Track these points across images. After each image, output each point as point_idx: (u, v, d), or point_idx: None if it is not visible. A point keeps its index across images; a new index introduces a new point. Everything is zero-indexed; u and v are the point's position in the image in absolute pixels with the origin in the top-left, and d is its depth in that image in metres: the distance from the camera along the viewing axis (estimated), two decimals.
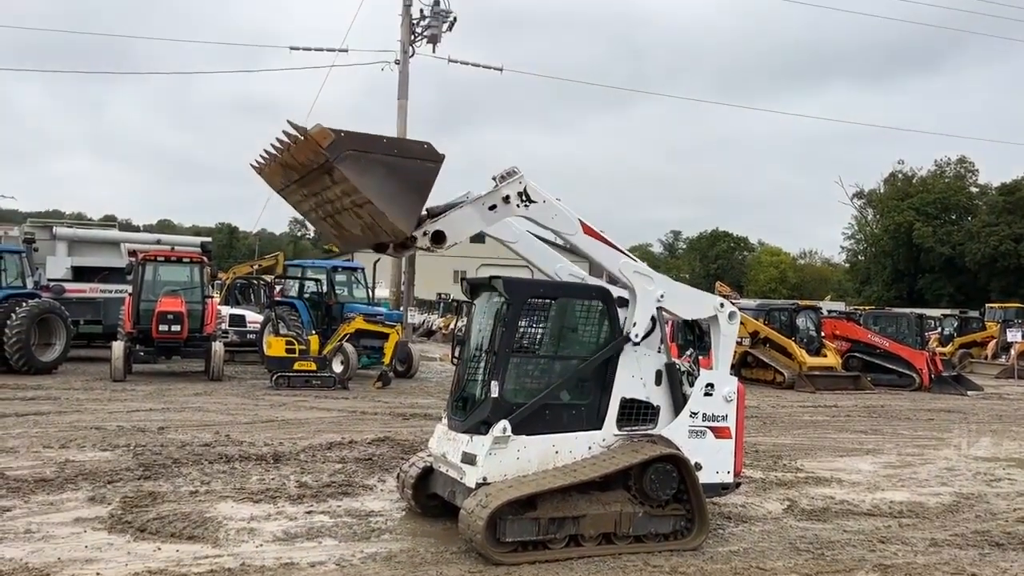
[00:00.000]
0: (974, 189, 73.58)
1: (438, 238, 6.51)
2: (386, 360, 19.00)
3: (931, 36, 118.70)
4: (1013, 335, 30.76)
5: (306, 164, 6.31)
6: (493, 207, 6.67)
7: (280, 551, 6.54)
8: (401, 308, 25.69)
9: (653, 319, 7.44)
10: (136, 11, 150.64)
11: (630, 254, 7.34)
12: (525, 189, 6.76)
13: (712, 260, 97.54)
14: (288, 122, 6.11)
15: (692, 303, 7.60)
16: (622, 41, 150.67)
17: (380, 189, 6.03)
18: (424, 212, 6.54)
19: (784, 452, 11.97)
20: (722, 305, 7.59)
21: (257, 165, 7.12)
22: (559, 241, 8.06)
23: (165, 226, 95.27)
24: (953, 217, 70.07)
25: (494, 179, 6.86)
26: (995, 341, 33.00)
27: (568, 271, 8.00)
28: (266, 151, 6.79)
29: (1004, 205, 64.85)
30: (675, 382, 7.32)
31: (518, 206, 6.75)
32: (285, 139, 6.32)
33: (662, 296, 7.25)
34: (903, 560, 6.93)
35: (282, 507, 7.88)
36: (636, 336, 7.15)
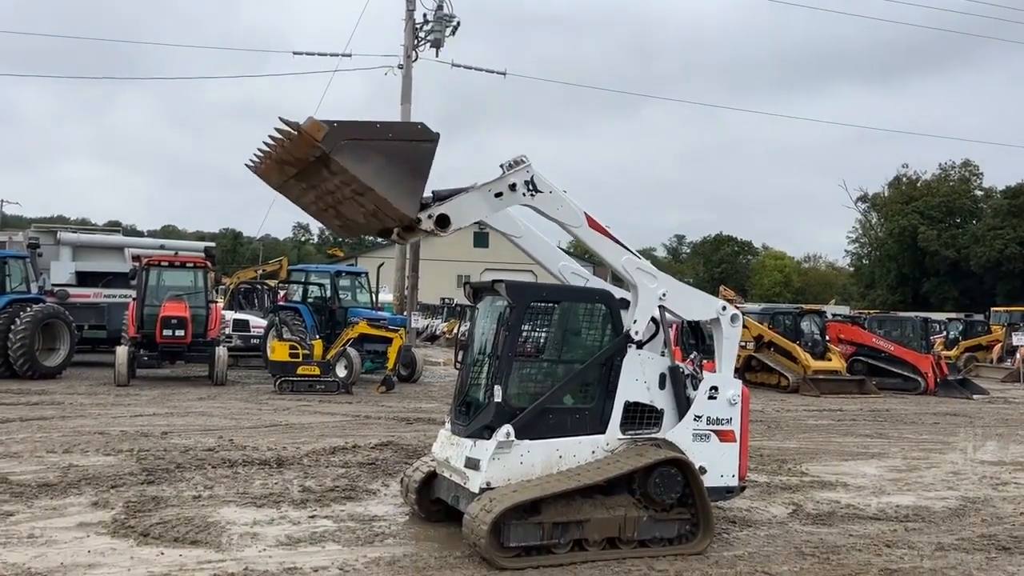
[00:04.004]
0: (979, 192, 73.42)
1: (442, 222, 6.48)
2: (390, 365, 18.98)
3: (938, 39, 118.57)
4: (1019, 339, 30.62)
5: (302, 159, 6.28)
6: (499, 194, 6.66)
7: (283, 556, 6.52)
8: (404, 313, 25.69)
9: (656, 322, 7.40)
10: (141, 16, 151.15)
11: (634, 251, 7.31)
12: (532, 178, 6.74)
13: (716, 264, 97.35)
14: (280, 119, 6.11)
15: (694, 304, 7.56)
16: (626, 44, 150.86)
17: (380, 175, 6.02)
18: (429, 195, 6.53)
19: (789, 456, 11.93)
20: (724, 308, 7.56)
21: (252, 164, 7.08)
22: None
23: (169, 231, 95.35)
24: (958, 221, 69.91)
25: (502, 167, 6.85)
26: (1000, 345, 32.90)
27: (571, 269, 7.93)
28: (260, 149, 6.75)
29: (1009, 208, 64.67)
30: (679, 385, 7.30)
31: (524, 195, 6.73)
32: (278, 136, 6.28)
33: (664, 295, 7.23)
34: (909, 564, 6.88)
35: (285, 512, 7.86)
36: (636, 334, 7.12)
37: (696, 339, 8.00)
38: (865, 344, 24.91)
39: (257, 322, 24.46)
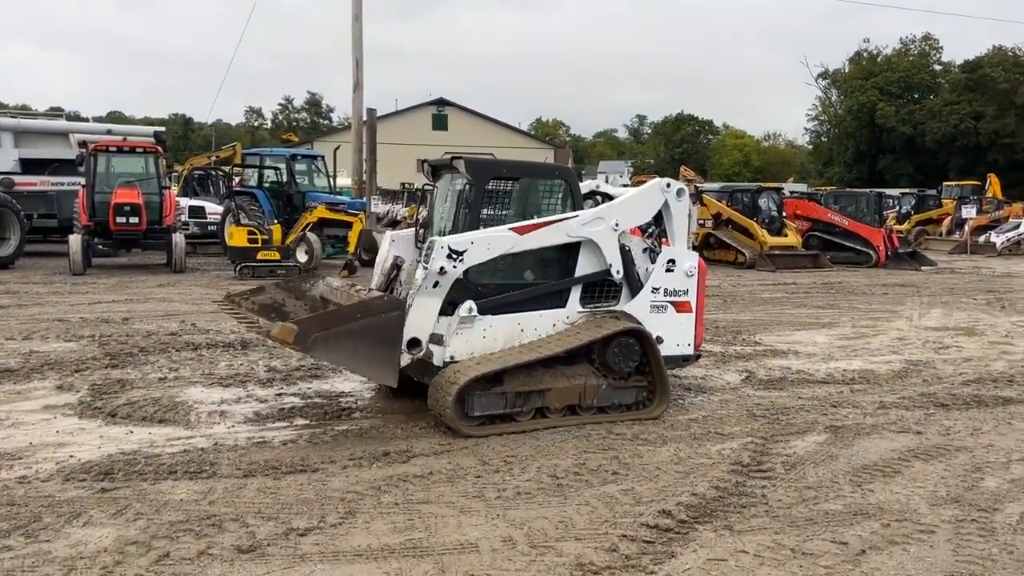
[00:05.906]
0: (937, 67, 73.24)
1: (413, 344, 6.63)
2: (351, 249, 18.85)
3: None
4: (967, 211, 31.45)
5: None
6: (436, 283, 6.65)
7: (252, 431, 6.67)
8: (364, 197, 25.35)
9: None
10: None
11: (569, 214, 7.24)
12: (451, 250, 6.63)
13: (677, 144, 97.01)
14: (254, 329, 6.70)
15: (644, 206, 7.62)
16: None
17: (354, 355, 6.41)
18: None
19: (743, 327, 12.31)
20: (668, 185, 7.62)
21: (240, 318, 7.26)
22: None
23: (116, 118, 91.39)
24: (916, 96, 69.97)
25: (418, 261, 6.87)
26: (950, 218, 33.71)
27: None
28: (243, 319, 7.06)
29: (966, 83, 64.78)
30: (630, 264, 7.41)
31: (455, 266, 6.65)
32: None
33: (617, 224, 7.28)
34: (853, 422, 7.27)
35: (252, 391, 7.98)
36: (618, 273, 7.26)
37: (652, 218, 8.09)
38: (820, 220, 25.35)
39: (213, 208, 24.02)
